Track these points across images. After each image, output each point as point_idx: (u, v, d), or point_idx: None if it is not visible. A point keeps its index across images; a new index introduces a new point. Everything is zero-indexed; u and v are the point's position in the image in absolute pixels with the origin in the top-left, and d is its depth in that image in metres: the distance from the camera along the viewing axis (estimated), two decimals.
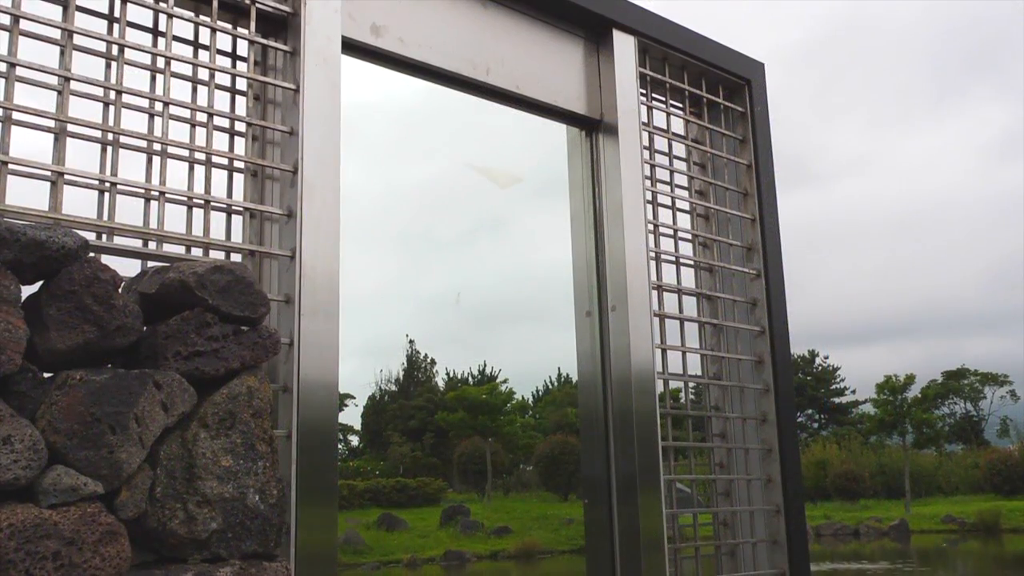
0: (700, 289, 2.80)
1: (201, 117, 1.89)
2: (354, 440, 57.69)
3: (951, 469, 50.78)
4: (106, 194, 1.71)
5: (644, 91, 2.78)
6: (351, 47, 2.15)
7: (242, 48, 2.00)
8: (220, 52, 1.94)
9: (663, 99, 2.89)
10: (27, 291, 1.45)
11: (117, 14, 1.80)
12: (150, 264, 1.71)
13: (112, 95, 1.75)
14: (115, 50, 1.77)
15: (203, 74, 1.91)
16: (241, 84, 1.99)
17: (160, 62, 1.83)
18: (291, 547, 1.72)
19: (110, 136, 1.74)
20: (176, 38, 1.89)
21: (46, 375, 1.44)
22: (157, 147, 1.79)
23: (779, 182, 3.03)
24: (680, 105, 2.93)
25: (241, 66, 1.99)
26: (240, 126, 1.96)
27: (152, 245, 1.75)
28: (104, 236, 1.68)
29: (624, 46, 2.68)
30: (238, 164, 1.95)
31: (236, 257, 1.88)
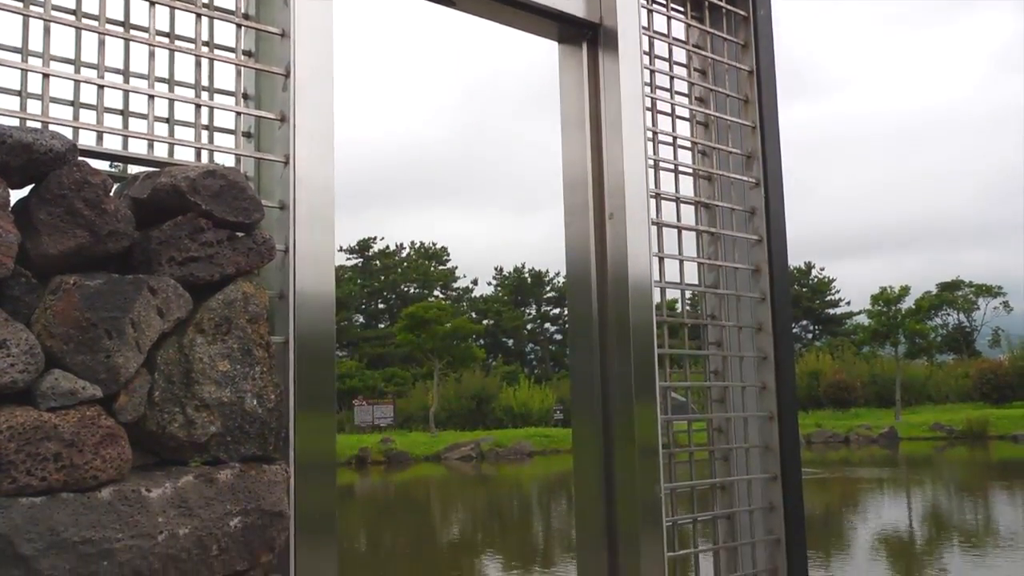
0: (698, 197, 2.77)
1: (190, 20, 1.84)
2: None
3: (941, 379, 51.53)
4: (94, 97, 1.67)
5: None
6: None
7: None
8: None
9: (664, 2, 2.81)
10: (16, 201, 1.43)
11: None
12: (140, 169, 1.68)
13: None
14: None
15: None
16: None
17: None
18: (290, 451, 1.74)
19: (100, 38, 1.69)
20: None
21: (39, 281, 1.43)
22: (145, 45, 1.74)
23: (780, 92, 2.97)
24: (681, 9, 2.85)
25: None
26: (230, 27, 1.91)
27: (143, 149, 1.72)
28: (93, 139, 1.65)
29: None
30: (229, 67, 1.90)
31: (228, 161, 1.85)
